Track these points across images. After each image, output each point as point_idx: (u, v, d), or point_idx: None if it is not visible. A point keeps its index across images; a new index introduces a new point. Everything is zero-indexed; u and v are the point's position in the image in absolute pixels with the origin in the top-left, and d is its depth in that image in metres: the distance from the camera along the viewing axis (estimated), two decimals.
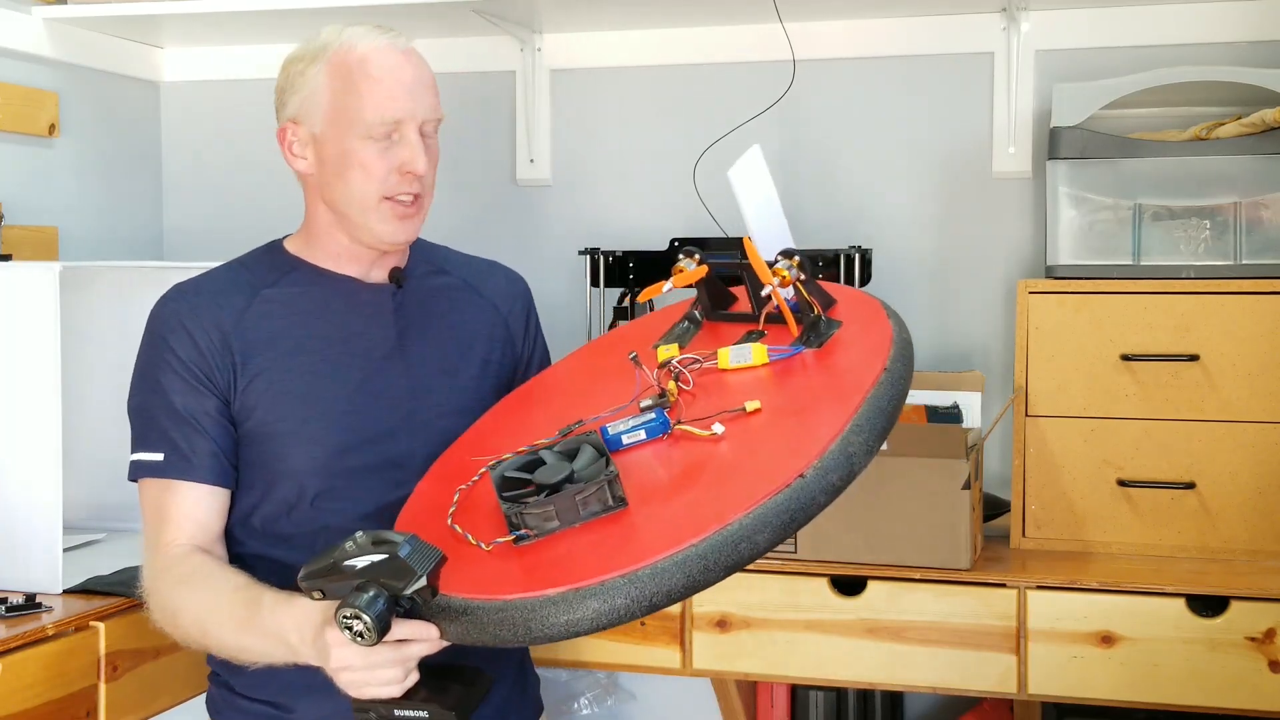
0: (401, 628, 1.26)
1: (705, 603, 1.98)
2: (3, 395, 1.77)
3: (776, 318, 1.47)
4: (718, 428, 1.30)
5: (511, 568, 1.25)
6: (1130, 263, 2.07)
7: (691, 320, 1.61)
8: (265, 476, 1.57)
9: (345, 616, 1.22)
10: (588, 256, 2.40)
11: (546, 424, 1.45)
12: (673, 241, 2.38)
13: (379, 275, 1.65)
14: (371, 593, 1.22)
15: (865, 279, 2.25)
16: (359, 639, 1.22)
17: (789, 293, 1.44)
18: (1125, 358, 2.01)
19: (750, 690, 2.40)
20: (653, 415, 1.35)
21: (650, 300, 1.92)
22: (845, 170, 2.51)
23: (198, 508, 1.54)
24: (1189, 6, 2.31)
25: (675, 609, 2.00)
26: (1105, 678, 1.86)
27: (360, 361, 1.60)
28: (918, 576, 1.91)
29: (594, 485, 1.26)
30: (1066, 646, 1.87)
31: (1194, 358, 1.99)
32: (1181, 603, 1.84)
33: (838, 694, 2.41)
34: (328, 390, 1.58)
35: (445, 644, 1.28)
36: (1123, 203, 2.08)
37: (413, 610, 1.26)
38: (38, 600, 1.70)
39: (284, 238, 1.69)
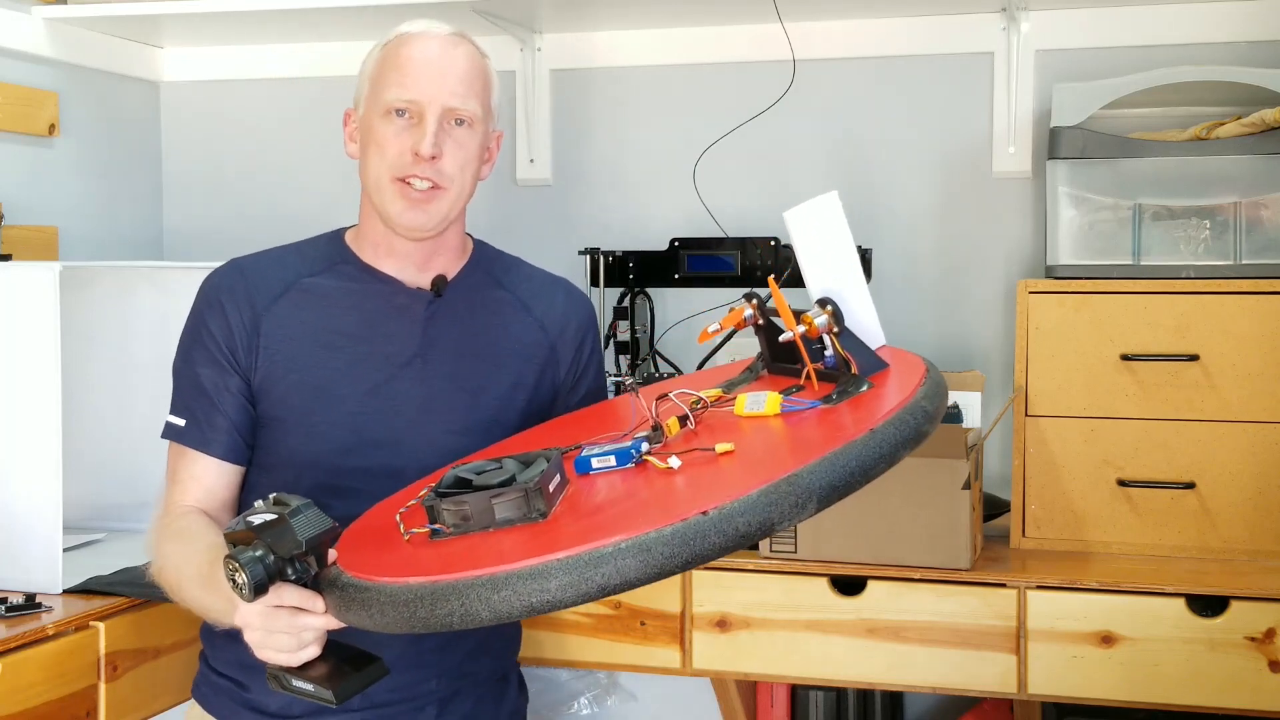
0: (287, 593, 1.25)
1: (705, 603, 1.98)
2: (3, 395, 1.77)
3: (832, 374, 1.43)
4: (674, 461, 1.28)
5: (422, 557, 1.24)
6: (1130, 263, 2.07)
7: (752, 370, 1.58)
8: (269, 461, 1.60)
9: (229, 568, 1.24)
10: (588, 256, 2.40)
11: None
12: (673, 241, 2.38)
13: (423, 280, 1.64)
14: (259, 552, 1.23)
15: (865, 279, 2.24)
16: (240, 592, 1.24)
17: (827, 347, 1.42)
18: (1125, 358, 2.01)
19: (750, 690, 2.40)
20: (628, 443, 1.33)
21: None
22: (845, 170, 2.51)
23: (206, 475, 1.59)
24: (1189, 6, 2.31)
25: (675, 608, 2.00)
26: (1105, 678, 1.86)
27: (380, 364, 1.59)
28: (918, 576, 1.91)
29: (513, 491, 1.23)
30: (1066, 646, 1.87)
31: (1194, 358, 1.99)
32: (1181, 603, 1.84)
33: (838, 694, 2.41)
34: (340, 388, 1.58)
35: (340, 625, 1.26)
36: (1123, 203, 2.08)
37: (311, 582, 1.27)
38: (38, 600, 1.70)
39: (348, 228, 1.70)
